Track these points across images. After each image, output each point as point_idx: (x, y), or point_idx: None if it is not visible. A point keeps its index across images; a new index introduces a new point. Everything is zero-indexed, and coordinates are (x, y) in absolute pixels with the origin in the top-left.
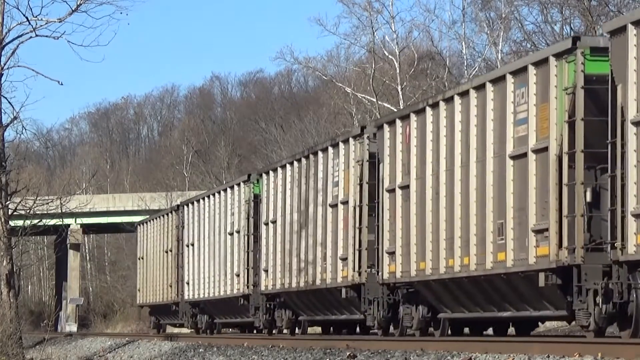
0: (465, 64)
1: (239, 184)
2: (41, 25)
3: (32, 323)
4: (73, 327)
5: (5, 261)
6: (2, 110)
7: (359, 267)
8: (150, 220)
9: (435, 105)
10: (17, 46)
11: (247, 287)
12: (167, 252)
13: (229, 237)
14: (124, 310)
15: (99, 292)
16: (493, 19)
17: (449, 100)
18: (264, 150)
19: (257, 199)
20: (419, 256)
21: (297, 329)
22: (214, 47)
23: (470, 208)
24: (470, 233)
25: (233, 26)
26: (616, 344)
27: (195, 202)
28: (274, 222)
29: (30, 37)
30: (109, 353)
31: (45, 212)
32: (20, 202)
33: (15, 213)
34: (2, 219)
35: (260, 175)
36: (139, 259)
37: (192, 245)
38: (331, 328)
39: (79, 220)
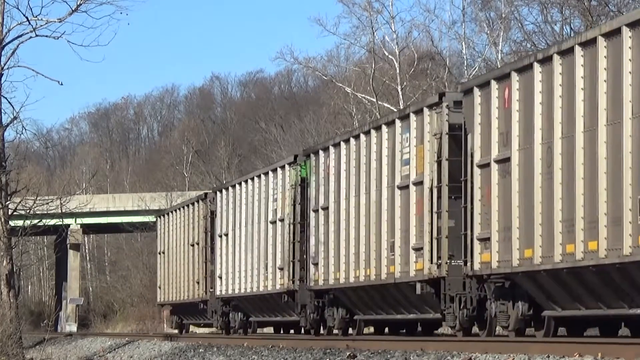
0: (465, 64)
1: (283, 167)
2: (41, 25)
3: (32, 323)
4: (73, 327)
5: (5, 261)
6: (2, 110)
7: (438, 258)
8: (172, 212)
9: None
10: (17, 46)
11: (293, 282)
12: (193, 245)
13: (270, 226)
14: (124, 310)
15: (99, 292)
16: (493, 19)
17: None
18: (264, 150)
19: (304, 183)
20: (522, 243)
21: (350, 329)
22: (214, 47)
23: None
24: (599, 212)
25: (233, 26)
26: (616, 344)
27: (229, 188)
28: (326, 208)
29: (30, 37)
30: (109, 353)
31: (45, 212)
32: (20, 202)
33: (15, 213)
34: (2, 219)
35: (308, 155)
36: (159, 253)
37: (226, 235)
38: (386, 329)
39: (79, 220)
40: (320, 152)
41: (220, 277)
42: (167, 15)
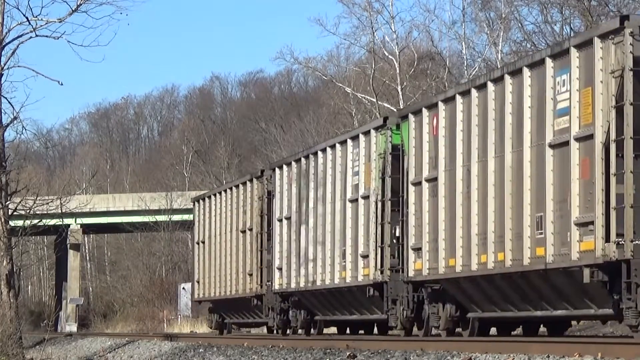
0: (465, 64)
1: (367, 132)
2: (41, 25)
3: (32, 323)
4: (73, 327)
5: (5, 261)
6: (2, 110)
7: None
8: (214, 195)
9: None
10: (17, 46)
11: (381, 273)
12: (244, 231)
13: (349, 205)
14: (124, 310)
15: (99, 292)
16: (493, 19)
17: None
18: (264, 150)
19: (397, 151)
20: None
21: (460, 329)
22: (214, 47)
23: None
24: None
25: (233, 26)
26: (616, 344)
27: (292, 163)
28: (433, 180)
29: (30, 37)
30: (109, 353)
31: (45, 212)
32: (20, 202)
33: (15, 213)
34: (2, 219)
35: (406, 116)
36: (198, 243)
37: (287, 219)
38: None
39: (79, 220)
40: (425, 110)
41: (280, 269)
42: (167, 16)
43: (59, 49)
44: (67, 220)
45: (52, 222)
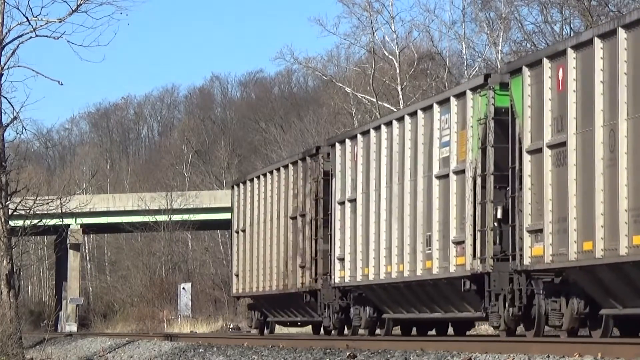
0: (465, 64)
1: (461, 95)
2: (41, 25)
3: (32, 323)
4: (73, 327)
5: (5, 261)
6: (2, 110)
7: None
8: (257, 177)
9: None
10: (17, 46)
11: (482, 262)
12: (294, 217)
13: (437, 182)
14: (124, 310)
15: (99, 292)
16: (493, 19)
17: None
18: (264, 150)
19: (501, 115)
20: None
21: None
22: (214, 47)
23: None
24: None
25: (233, 26)
26: (616, 344)
27: (358, 136)
28: (560, 145)
29: (30, 37)
30: (109, 353)
31: (45, 212)
32: (20, 202)
33: (15, 213)
34: (2, 219)
35: (516, 71)
36: (237, 232)
37: (351, 202)
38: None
39: (79, 220)
40: (546, 60)
41: (341, 260)
42: (167, 15)
43: (59, 49)
44: (67, 220)
45: (52, 222)
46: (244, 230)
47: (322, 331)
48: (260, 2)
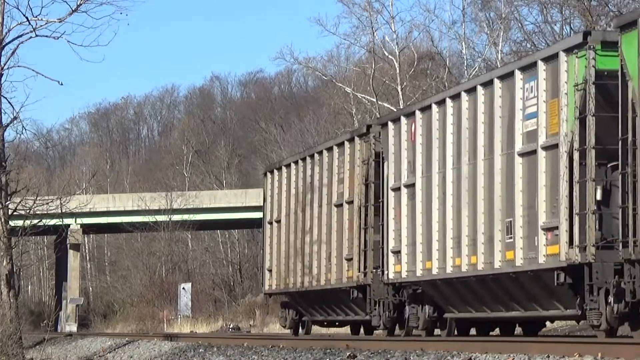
0: (465, 64)
1: (550, 58)
2: (41, 25)
3: (32, 323)
4: (73, 327)
5: (5, 261)
6: (2, 110)
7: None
8: (295, 162)
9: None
10: (17, 46)
11: (582, 250)
12: (339, 205)
13: (520, 160)
14: (124, 310)
15: (99, 292)
16: (493, 19)
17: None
18: (264, 150)
19: (604, 78)
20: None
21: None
22: (214, 47)
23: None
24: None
25: (233, 26)
26: (616, 344)
27: (417, 113)
28: None
29: (30, 37)
30: (109, 353)
31: (45, 212)
32: (20, 202)
33: (15, 213)
34: (2, 219)
35: (629, 25)
36: (270, 223)
37: (408, 187)
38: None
39: (79, 220)
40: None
41: (396, 252)
42: (167, 16)
43: (59, 49)
44: (67, 220)
45: (52, 222)
46: (278, 221)
47: (361, 331)
48: (260, 2)
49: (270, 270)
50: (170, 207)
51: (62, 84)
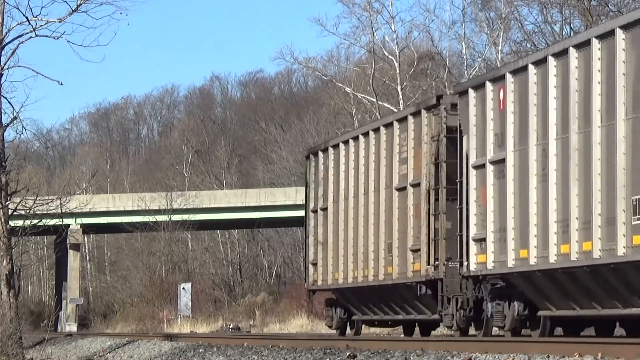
0: (465, 64)
1: None
2: (41, 25)
3: (32, 323)
4: (73, 327)
5: (5, 261)
6: (2, 110)
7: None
8: (345, 142)
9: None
10: (17, 46)
11: None
12: (402, 189)
13: None
14: (124, 310)
15: (99, 292)
16: (493, 19)
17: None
18: (263, 150)
19: None
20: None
21: None
22: (214, 47)
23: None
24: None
25: (233, 26)
26: (616, 344)
27: (507, 77)
28: None
29: (30, 37)
30: (109, 353)
31: (45, 212)
32: (20, 202)
33: (15, 213)
34: (2, 219)
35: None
36: (315, 211)
37: (497, 163)
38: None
39: (79, 220)
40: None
41: (481, 240)
42: (167, 15)
43: (59, 49)
44: (67, 220)
45: (52, 222)
46: (324, 209)
47: (416, 330)
48: (260, 2)
49: (315, 264)
50: (170, 207)
51: (62, 84)
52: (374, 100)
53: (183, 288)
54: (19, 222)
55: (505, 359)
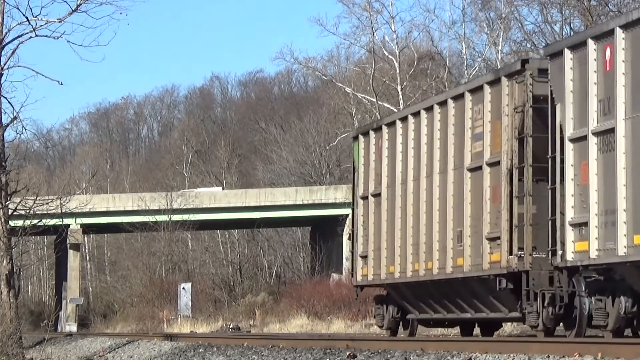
0: (465, 64)
1: None
2: (41, 25)
3: (32, 323)
4: (73, 327)
5: (5, 261)
6: (2, 110)
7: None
8: (404, 119)
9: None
10: (17, 46)
11: None
12: (475, 169)
13: None
14: (124, 310)
15: (99, 292)
16: (493, 19)
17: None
18: (264, 150)
19: None
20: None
21: None
22: (214, 47)
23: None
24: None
25: (233, 26)
26: (616, 344)
27: (616, 32)
28: None
29: (30, 37)
30: (109, 353)
31: (45, 212)
32: (20, 202)
33: (15, 213)
34: (2, 219)
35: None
36: (365, 198)
37: (603, 135)
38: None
39: (79, 220)
40: None
41: (580, 225)
42: (167, 15)
43: (59, 49)
44: (67, 220)
45: (52, 222)
46: (377, 195)
47: (477, 330)
48: (260, 2)
49: (364, 257)
50: (170, 207)
51: (62, 84)
52: (374, 100)
53: (183, 288)
54: (19, 222)
55: (505, 359)
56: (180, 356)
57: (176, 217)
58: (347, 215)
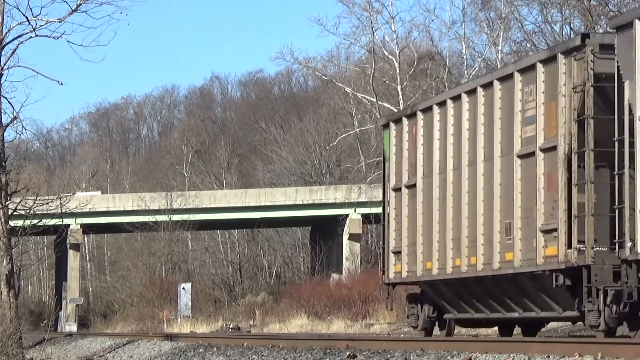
0: (465, 64)
1: None
2: (41, 25)
3: (32, 323)
4: (73, 327)
5: (5, 261)
6: (2, 110)
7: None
8: (442, 104)
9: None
10: (17, 46)
11: None
12: (525, 156)
13: None
14: (124, 310)
15: (99, 292)
16: (493, 19)
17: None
18: (264, 150)
19: None
20: None
21: None
22: (214, 47)
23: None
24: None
25: (233, 26)
26: (616, 344)
27: None
28: None
29: (30, 37)
30: (109, 353)
31: (45, 212)
32: (20, 202)
33: (15, 213)
34: (2, 219)
35: None
36: (398, 190)
37: None
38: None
39: (79, 220)
40: None
41: None
42: (167, 16)
43: (59, 49)
44: (67, 220)
45: (52, 222)
46: (411, 186)
47: (517, 330)
48: (260, 2)
49: (397, 253)
50: (170, 207)
51: (62, 84)
52: (374, 100)
53: (183, 288)
54: (19, 222)
55: (505, 359)
56: (180, 356)
57: (176, 217)
58: (347, 215)
